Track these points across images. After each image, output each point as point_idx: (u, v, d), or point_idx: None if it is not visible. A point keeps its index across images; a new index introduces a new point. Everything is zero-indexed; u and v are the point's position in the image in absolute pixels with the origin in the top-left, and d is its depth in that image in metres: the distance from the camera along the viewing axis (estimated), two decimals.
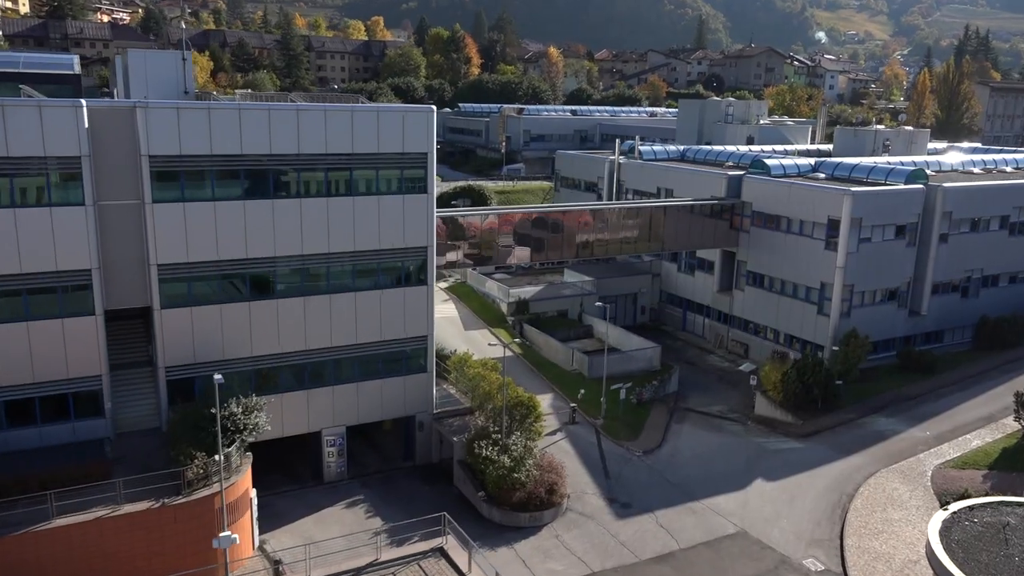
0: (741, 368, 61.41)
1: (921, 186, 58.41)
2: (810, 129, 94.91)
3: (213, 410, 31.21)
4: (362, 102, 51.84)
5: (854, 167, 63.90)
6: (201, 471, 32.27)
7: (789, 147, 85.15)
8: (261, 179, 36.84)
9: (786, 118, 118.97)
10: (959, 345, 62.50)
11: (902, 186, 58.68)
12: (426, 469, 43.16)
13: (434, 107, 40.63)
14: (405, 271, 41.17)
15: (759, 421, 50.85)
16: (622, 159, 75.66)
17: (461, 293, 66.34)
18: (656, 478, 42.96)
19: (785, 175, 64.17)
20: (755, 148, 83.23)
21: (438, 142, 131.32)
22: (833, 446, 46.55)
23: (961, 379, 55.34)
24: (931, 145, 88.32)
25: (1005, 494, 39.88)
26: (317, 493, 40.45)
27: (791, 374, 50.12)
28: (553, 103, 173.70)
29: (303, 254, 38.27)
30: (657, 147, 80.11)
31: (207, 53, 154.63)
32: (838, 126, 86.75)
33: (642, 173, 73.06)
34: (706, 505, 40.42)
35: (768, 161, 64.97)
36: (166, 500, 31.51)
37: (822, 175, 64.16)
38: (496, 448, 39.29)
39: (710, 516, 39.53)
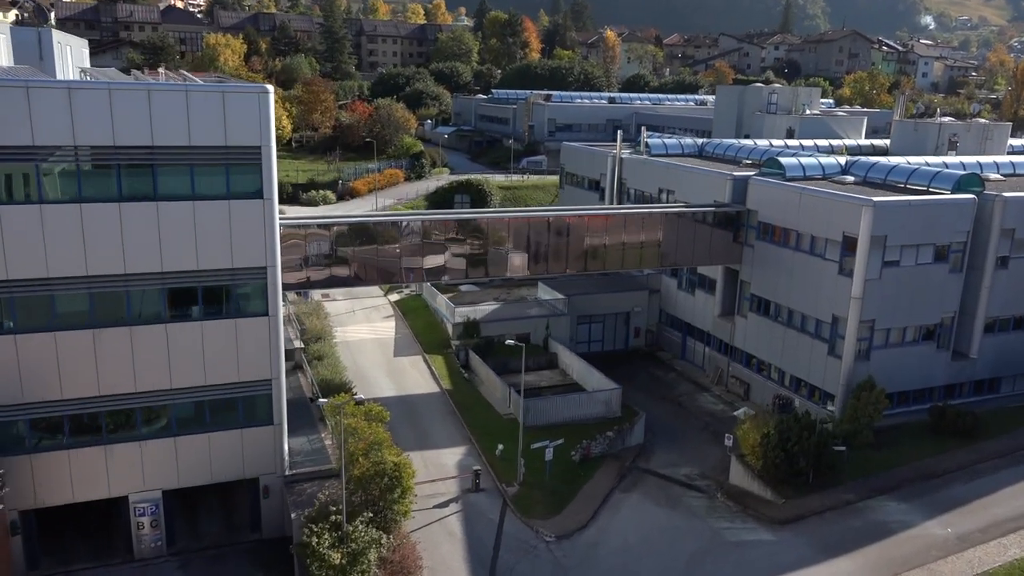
0: (736, 414, 50.01)
1: (972, 196, 45.55)
2: (864, 121, 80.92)
3: None
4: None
5: (891, 169, 51.29)
6: None
7: (835, 142, 72.02)
8: (20, 179, 28.41)
9: (840, 110, 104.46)
10: (1020, 397, 49.39)
11: (947, 195, 46.02)
12: (273, 545, 34.15)
13: (270, 88, 31.34)
14: (236, 298, 32.15)
15: (731, 494, 39.79)
16: (625, 154, 64.66)
17: (410, 309, 57.01)
18: None
19: (804, 177, 52.15)
20: (792, 142, 70.57)
21: (469, 130, 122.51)
22: (815, 541, 35.19)
23: (1012, 450, 42.60)
24: (1015, 142, 73.46)
25: None
26: (121, 574, 32.10)
27: (772, 437, 38.79)
28: (607, 90, 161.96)
29: (88, 275, 29.72)
30: (670, 140, 68.70)
31: (241, 36, 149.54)
32: (895, 118, 72.97)
33: (644, 171, 61.94)
34: None
35: (783, 160, 52.97)
36: None
37: (851, 178, 51.81)
38: (334, 535, 29.98)
39: None
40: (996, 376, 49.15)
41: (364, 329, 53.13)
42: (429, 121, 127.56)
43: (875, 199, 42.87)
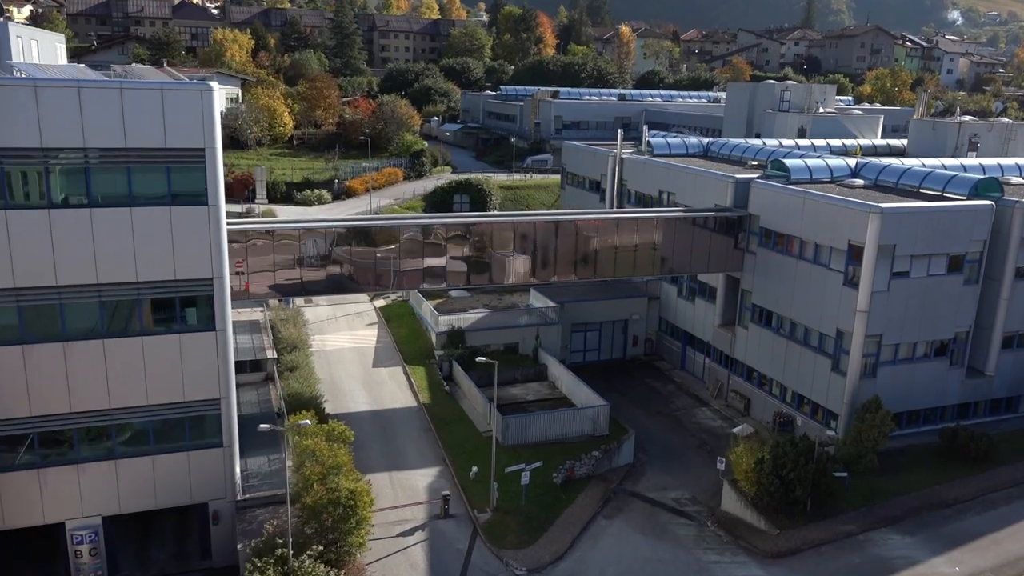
0: (735, 431, 47.14)
1: (990, 202, 42.33)
2: (880, 120, 77.33)
3: None
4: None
5: (904, 172, 48.11)
6: None
7: (849, 142, 68.74)
8: None
9: (855, 108, 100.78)
10: None
11: (962, 201, 42.84)
12: (223, 575, 31.94)
13: (214, 86, 28.96)
14: (180, 312, 29.86)
15: (723, 522, 37.01)
16: (626, 154, 61.85)
17: (395, 315, 54.54)
18: None
19: (810, 180, 49.12)
20: (804, 142, 67.40)
21: (476, 127, 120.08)
22: None
23: None
24: None
25: None
26: None
27: (766, 463, 35.97)
28: (620, 87, 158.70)
29: (16, 287, 27.54)
30: (674, 139, 65.70)
31: (248, 31, 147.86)
32: (913, 117, 69.50)
33: (644, 172, 59.11)
34: None
35: (788, 162, 49.92)
36: None
37: (860, 182, 48.68)
38: (279, 571, 27.65)
39: None
40: (1014, 395, 45.96)
41: (344, 337, 50.82)
42: (436, 118, 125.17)
43: (883, 205, 39.80)
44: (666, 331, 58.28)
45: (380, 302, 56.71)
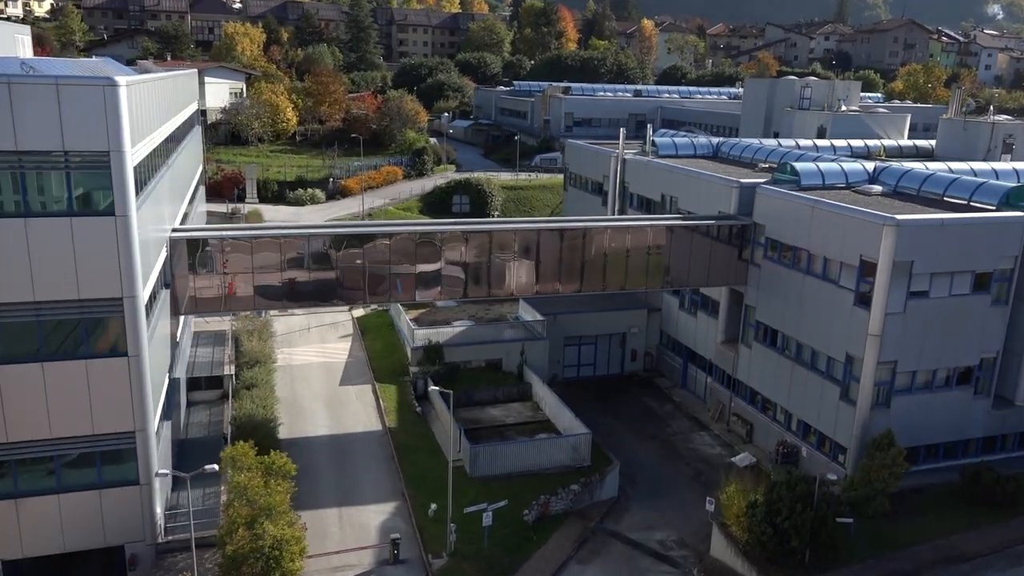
0: (735, 460, 43.10)
1: (1023, 214, 37.74)
2: (907, 119, 72.18)
3: None
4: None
5: (927, 178, 43.53)
6: None
7: (872, 143, 63.97)
8: None
9: (881, 106, 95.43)
10: None
11: (991, 213, 38.29)
12: None
13: (121, 80, 25.49)
14: (85, 335, 26.54)
15: (711, 571, 33.05)
16: (628, 154, 57.78)
17: (372, 327, 50.97)
18: None
19: (823, 185, 44.77)
20: (822, 142, 62.80)
21: (487, 124, 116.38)
22: None
23: None
24: None
25: None
26: None
27: (758, 508, 31.90)
28: (641, 82, 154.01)
29: None
30: (681, 139, 61.46)
31: (260, 25, 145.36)
32: (943, 116, 64.49)
33: (647, 175, 55.02)
34: None
35: (799, 165, 45.59)
36: None
37: (878, 188, 44.22)
38: None
39: None
40: None
41: (313, 351, 47.45)
42: (446, 114, 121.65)
43: (899, 217, 35.40)
44: (667, 345, 54.23)
45: (359, 312, 53.28)
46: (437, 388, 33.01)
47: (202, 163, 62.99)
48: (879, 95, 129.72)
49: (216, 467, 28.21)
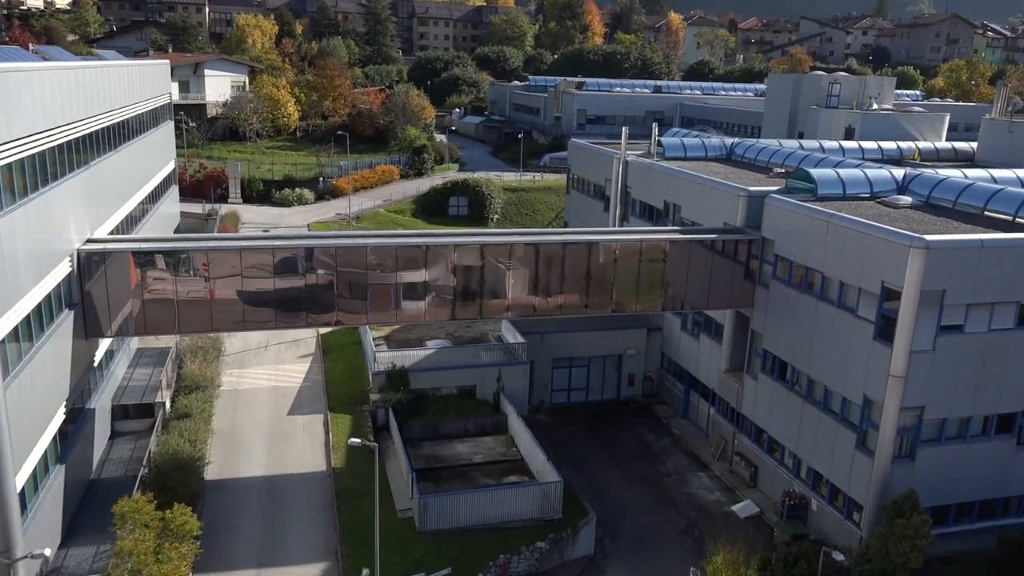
0: (736, 509, 37.74)
1: None
2: (946, 118, 65.59)
3: None
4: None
5: (964, 189, 37.56)
6: None
7: (906, 145, 57.78)
8: None
9: (917, 104, 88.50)
10: None
11: None
12: None
13: None
14: None
15: None
16: (632, 156, 52.41)
17: (337, 346, 46.09)
18: None
19: (843, 195, 39.08)
20: (849, 144, 56.76)
21: (499, 121, 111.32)
22: None
23: None
24: None
25: None
26: None
27: None
28: (666, 77, 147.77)
29: None
30: (691, 139, 55.87)
31: (272, 17, 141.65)
32: (986, 116, 58.02)
33: (649, 179, 49.68)
34: None
35: (815, 172, 39.89)
36: None
37: (907, 200, 38.38)
38: None
39: None
40: None
41: (266, 373, 42.79)
42: (457, 110, 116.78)
43: (929, 238, 29.70)
44: (668, 369, 48.84)
45: (325, 327, 48.52)
46: (358, 441, 28.00)
47: (173, 160, 58.89)
48: (918, 92, 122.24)
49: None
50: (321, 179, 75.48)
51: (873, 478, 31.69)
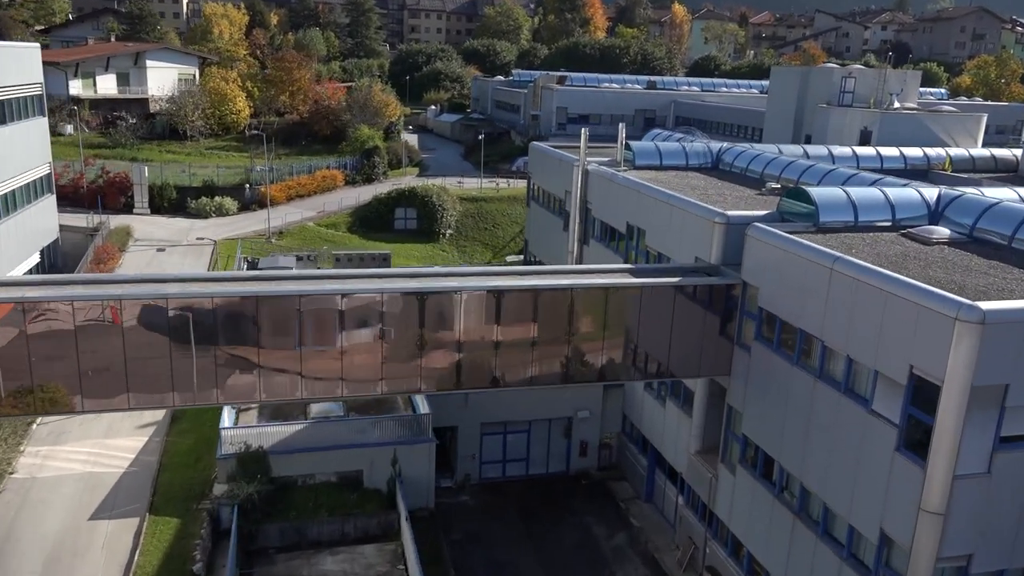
0: None
1: None
2: (983, 120, 54.51)
3: None
4: None
5: None
6: None
7: (934, 152, 47.04)
8: None
9: (947, 103, 77.55)
10: None
11: None
12: None
13: None
14: None
15: None
16: (593, 165, 42.07)
17: (195, 412, 35.42)
18: None
19: (854, 225, 28.55)
20: (865, 151, 46.08)
21: (478, 119, 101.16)
22: None
23: None
24: None
25: None
26: None
27: None
28: (668, 73, 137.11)
29: None
30: (669, 144, 45.38)
31: (242, 7, 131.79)
32: None
33: (610, 194, 39.41)
34: None
35: (818, 192, 29.31)
36: None
37: (944, 232, 27.71)
38: None
39: None
40: None
41: (84, 453, 32.42)
42: (433, 107, 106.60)
43: (985, 306, 19.13)
44: (631, 436, 38.56)
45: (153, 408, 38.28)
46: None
47: (47, 164, 49.18)
48: (942, 91, 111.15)
49: None
50: (248, 186, 65.29)
51: None
